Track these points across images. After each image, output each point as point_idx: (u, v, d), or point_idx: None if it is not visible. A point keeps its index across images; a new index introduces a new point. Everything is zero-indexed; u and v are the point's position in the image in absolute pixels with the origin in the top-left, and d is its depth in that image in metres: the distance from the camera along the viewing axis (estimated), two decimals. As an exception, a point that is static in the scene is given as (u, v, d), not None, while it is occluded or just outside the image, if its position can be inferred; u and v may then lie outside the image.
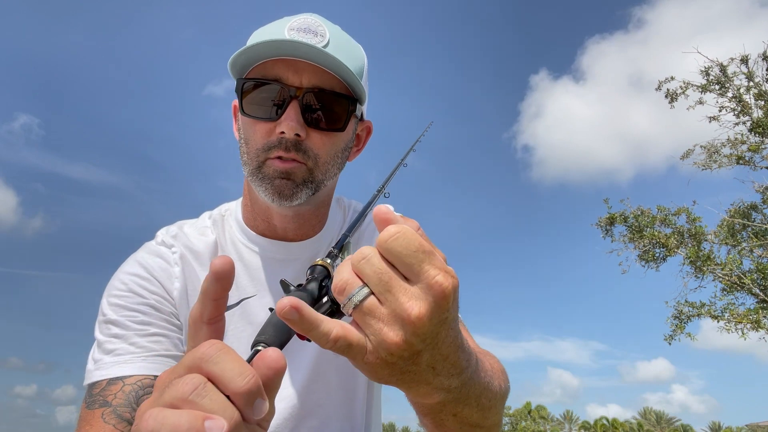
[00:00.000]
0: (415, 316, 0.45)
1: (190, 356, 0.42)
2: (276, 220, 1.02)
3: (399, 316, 0.45)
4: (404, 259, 0.45)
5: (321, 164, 0.94)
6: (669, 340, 12.52)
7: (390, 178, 0.97)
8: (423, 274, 0.45)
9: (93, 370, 0.90)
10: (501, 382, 0.71)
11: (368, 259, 0.46)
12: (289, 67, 0.90)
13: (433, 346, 0.48)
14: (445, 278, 0.46)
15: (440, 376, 0.52)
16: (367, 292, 0.46)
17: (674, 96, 13.21)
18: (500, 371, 0.75)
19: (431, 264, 0.45)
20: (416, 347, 0.47)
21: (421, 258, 0.45)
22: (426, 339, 0.47)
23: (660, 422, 63.67)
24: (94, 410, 0.84)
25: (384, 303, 0.46)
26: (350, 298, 0.46)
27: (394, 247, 0.45)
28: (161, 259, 1.01)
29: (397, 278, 0.46)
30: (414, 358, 0.48)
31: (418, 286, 0.46)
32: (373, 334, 0.46)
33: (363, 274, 0.46)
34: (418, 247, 0.45)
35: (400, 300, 0.45)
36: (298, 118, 0.89)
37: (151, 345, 0.92)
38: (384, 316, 0.46)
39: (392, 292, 0.45)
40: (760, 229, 12.38)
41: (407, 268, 0.46)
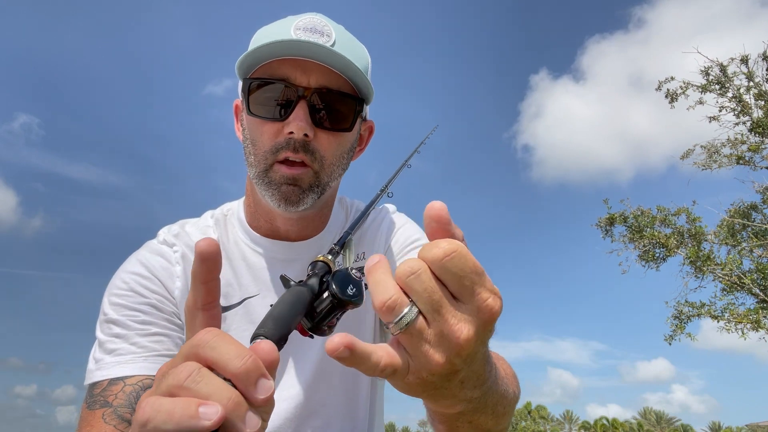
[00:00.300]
0: (464, 339, 0.44)
1: (187, 345, 0.42)
2: (279, 221, 1.02)
3: (446, 338, 0.44)
4: (461, 280, 0.43)
5: (327, 166, 0.94)
6: (669, 340, 12.52)
7: (393, 179, 0.96)
8: (476, 296, 0.44)
9: (94, 370, 0.89)
10: (515, 388, 0.71)
11: (418, 275, 0.43)
12: (296, 67, 0.89)
13: (470, 365, 0.48)
14: (495, 301, 0.44)
15: (466, 389, 0.51)
16: (417, 312, 0.44)
17: (674, 96, 13.20)
18: (513, 376, 0.75)
19: (483, 286, 0.44)
20: (457, 368, 0.46)
21: (475, 280, 0.44)
22: (467, 359, 0.46)
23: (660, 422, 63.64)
24: (94, 411, 0.84)
25: (431, 324, 0.44)
26: (400, 318, 0.44)
27: (450, 267, 0.43)
28: (163, 258, 1.01)
29: (448, 298, 0.44)
30: (452, 377, 0.47)
31: (467, 308, 0.44)
32: (418, 356, 0.45)
33: (412, 290, 0.44)
34: (473, 269, 0.43)
35: (450, 322, 0.43)
36: (306, 118, 0.89)
37: (153, 345, 0.92)
38: (431, 337, 0.44)
39: (441, 313, 0.43)
40: (760, 229, 12.37)
41: (460, 289, 0.44)
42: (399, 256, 1.10)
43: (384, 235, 1.13)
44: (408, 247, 1.11)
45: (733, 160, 12.76)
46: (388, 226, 1.15)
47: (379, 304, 0.44)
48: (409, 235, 1.13)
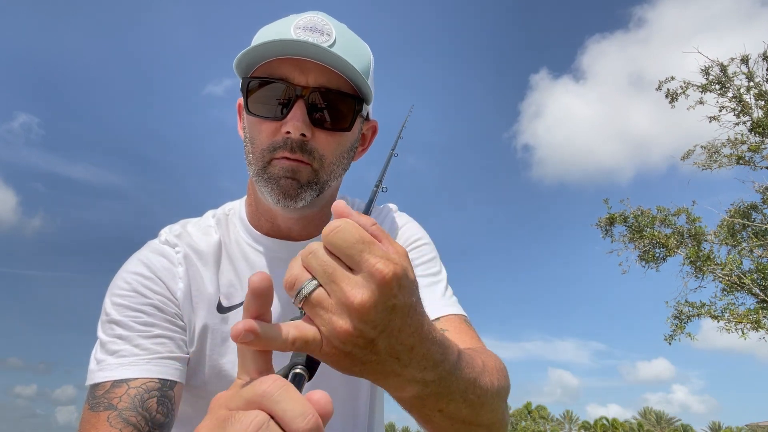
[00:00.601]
0: (359, 302, 0.46)
1: (251, 390, 0.43)
2: (280, 220, 1.02)
3: (344, 305, 0.47)
4: (345, 250, 0.47)
5: (326, 165, 0.94)
6: (669, 340, 12.51)
7: (384, 171, 0.96)
8: (363, 263, 0.47)
9: (96, 371, 0.89)
10: (495, 379, 0.70)
11: (314, 252, 0.48)
12: (295, 67, 0.89)
13: (389, 335, 0.49)
14: (386, 265, 0.47)
15: (409, 368, 0.53)
16: (315, 284, 0.48)
17: (674, 96, 13.20)
18: (496, 369, 0.74)
19: (371, 253, 0.47)
20: (368, 334, 0.48)
21: (361, 248, 0.47)
22: (377, 326, 0.48)
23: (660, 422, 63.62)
24: (99, 413, 0.83)
25: (330, 294, 0.47)
26: (299, 291, 0.48)
27: (335, 240, 0.47)
28: (165, 259, 1.00)
29: (341, 269, 0.47)
30: (370, 347, 0.49)
31: (360, 275, 0.47)
32: (323, 324, 0.48)
33: (310, 267, 0.48)
34: (358, 239, 0.47)
35: (344, 289, 0.47)
36: (303, 118, 0.89)
37: (155, 347, 0.91)
38: (332, 306, 0.47)
39: (336, 282, 0.47)
40: (760, 229, 12.37)
41: (349, 259, 0.47)
42: None
43: None
44: (410, 246, 1.11)
45: (733, 160, 12.76)
46: (390, 226, 1.14)
47: (284, 283, 0.49)
48: (411, 234, 1.13)
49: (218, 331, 1.00)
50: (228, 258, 1.05)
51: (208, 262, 1.02)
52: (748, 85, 12.58)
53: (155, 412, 0.85)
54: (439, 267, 1.11)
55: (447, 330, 0.94)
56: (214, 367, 0.99)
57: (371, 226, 0.50)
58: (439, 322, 0.97)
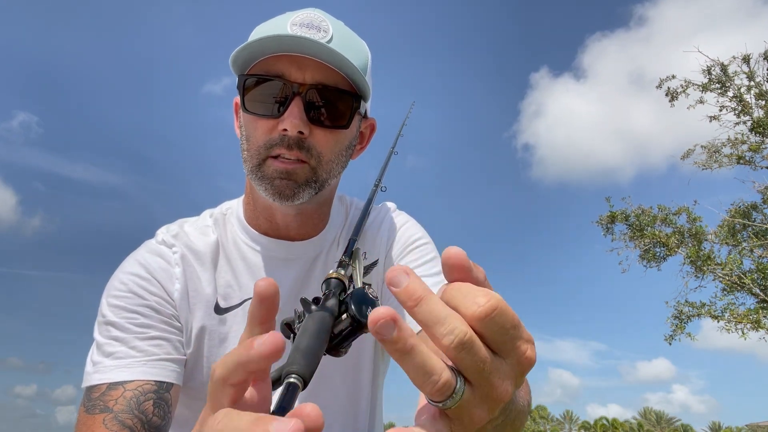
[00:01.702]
0: (507, 396, 0.42)
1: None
2: (278, 218, 1.01)
3: (491, 398, 0.42)
4: (502, 336, 0.41)
5: (324, 162, 0.93)
6: (669, 340, 12.52)
7: (384, 170, 0.95)
8: (516, 350, 0.42)
9: (92, 373, 0.88)
10: (528, 398, 0.71)
11: (470, 348, 0.39)
12: (292, 63, 0.88)
13: (506, 410, 0.47)
14: (532, 351, 0.43)
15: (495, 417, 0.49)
16: (464, 383, 0.41)
17: (675, 95, 13.19)
18: (526, 384, 0.74)
19: (522, 338, 0.42)
20: (496, 418, 0.45)
21: (515, 334, 0.41)
22: (505, 409, 0.45)
23: (660, 422, 63.65)
24: (94, 415, 0.82)
25: (476, 388, 0.41)
26: (452, 397, 0.40)
27: (493, 326, 0.40)
28: (162, 259, 0.99)
29: (495, 362, 0.41)
30: (487, 424, 0.45)
31: (508, 362, 0.42)
32: (461, 418, 0.42)
33: (463, 364, 0.40)
34: (512, 322, 0.41)
35: (495, 384, 0.41)
36: (301, 115, 0.88)
37: (152, 349, 0.90)
38: (476, 400, 0.42)
39: (489, 378, 0.41)
40: (760, 228, 12.36)
41: (502, 346, 0.41)
42: (401, 256, 1.09)
43: (385, 234, 1.12)
44: (411, 247, 1.10)
45: (733, 159, 12.75)
46: (390, 226, 1.14)
47: (430, 388, 0.39)
48: (411, 234, 1.12)
49: (216, 332, 0.99)
50: (225, 258, 1.04)
51: (206, 263, 1.02)
52: (748, 84, 12.57)
53: (151, 415, 0.84)
54: (440, 267, 1.10)
55: None
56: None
57: (485, 282, 0.44)
58: None
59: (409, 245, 1.10)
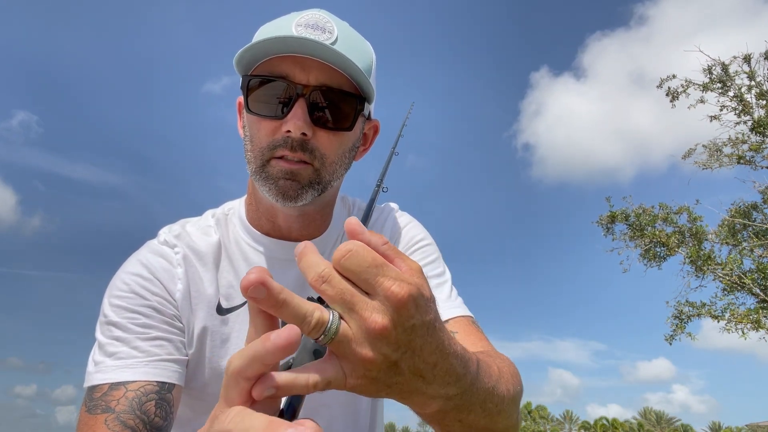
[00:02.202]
0: (380, 328, 0.45)
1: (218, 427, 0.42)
2: (281, 219, 1.01)
3: (366, 332, 0.46)
4: (360, 275, 0.46)
5: (328, 164, 0.93)
6: (669, 340, 12.52)
7: (385, 171, 0.95)
8: (378, 286, 0.46)
9: (94, 373, 0.88)
10: (510, 386, 0.70)
11: (329, 280, 0.46)
12: (296, 64, 0.88)
13: (411, 355, 0.48)
14: (401, 286, 0.46)
15: (433, 385, 0.52)
16: (338, 319, 0.46)
17: (675, 94, 13.17)
18: (510, 374, 0.74)
19: (385, 276, 0.46)
20: (391, 357, 0.47)
21: (375, 272, 0.46)
22: (399, 348, 0.47)
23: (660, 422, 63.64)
24: (96, 415, 0.82)
25: (351, 323, 0.46)
26: (326, 330, 0.45)
27: (348, 265, 0.46)
28: (164, 260, 0.99)
29: (359, 295, 0.46)
30: (394, 369, 0.48)
31: (377, 299, 0.46)
32: (347, 356, 0.46)
33: (326, 295, 0.46)
34: (371, 262, 0.46)
35: (364, 316, 0.45)
36: (304, 117, 0.87)
37: (154, 349, 0.90)
38: (354, 336, 0.46)
39: (356, 311, 0.45)
40: (760, 228, 12.36)
41: (364, 284, 0.46)
42: None
43: (388, 235, 1.12)
44: (413, 248, 1.10)
45: (733, 159, 12.74)
46: (392, 226, 1.13)
47: (302, 324, 0.44)
48: (414, 235, 1.12)
49: (218, 332, 0.99)
50: (228, 258, 1.04)
51: (208, 263, 1.01)
52: (749, 84, 12.55)
53: (153, 415, 0.84)
54: (443, 268, 1.11)
55: (456, 332, 0.94)
56: (214, 368, 0.98)
57: (383, 246, 0.49)
58: (447, 324, 0.96)
59: (412, 246, 1.10)
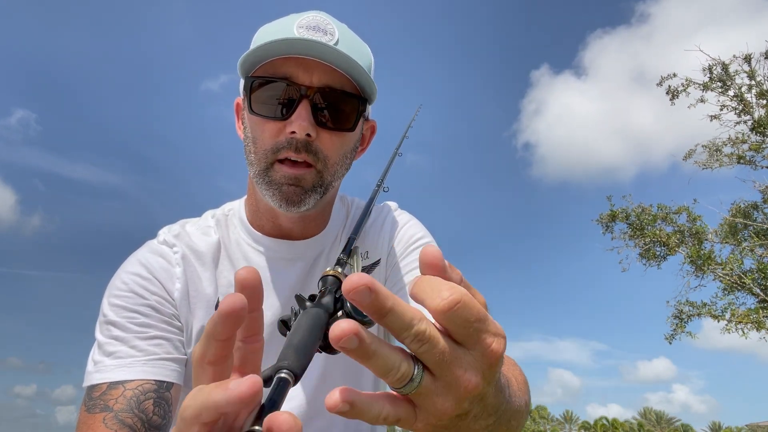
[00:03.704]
0: (473, 386, 0.43)
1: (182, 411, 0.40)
2: (282, 220, 1.02)
3: (454, 388, 0.43)
4: (466, 329, 0.42)
5: (330, 166, 0.93)
6: (669, 339, 12.51)
7: (387, 171, 0.95)
8: (481, 342, 0.43)
9: (93, 372, 0.88)
10: (526, 398, 0.70)
11: (430, 341, 0.41)
12: (299, 66, 0.89)
13: (481, 403, 0.47)
14: (499, 343, 0.44)
15: (480, 420, 0.50)
16: (422, 371, 0.42)
17: (675, 93, 13.16)
18: (524, 383, 0.74)
19: (488, 331, 0.43)
20: (466, 409, 0.46)
21: (480, 327, 0.42)
22: (475, 400, 0.46)
23: (660, 422, 63.65)
24: (95, 414, 0.83)
25: (438, 377, 0.43)
26: (407, 384, 0.42)
27: (455, 319, 0.41)
28: (163, 259, 1.00)
29: (456, 351, 0.42)
30: (463, 417, 0.47)
31: (472, 354, 0.43)
32: (425, 406, 0.44)
33: (422, 357, 0.42)
34: (477, 316, 0.42)
35: (457, 373, 0.42)
36: (309, 118, 0.88)
37: (152, 348, 0.91)
38: (438, 389, 0.43)
39: (451, 369, 0.42)
40: (761, 228, 12.36)
41: (465, 338, 0.42)
42: (402, 256, 1.09)
43: (387, 234, 1.12)
44: (411, 246, 1.10)
45: (734, 159, 12.74)
46: (391, 225, 1.14)
47: (390, 379, 0.42)
48: (413, 234, 1.12)
49: None
50: (228, 258, 1.04)
51: (207, 263, 1.02)
52: (749, 83, 12.55)
53: (152, 414, 0.84)
54: None
55: None
56: None
57: (462, 283, 0.46)
58: None
59: (411, 244, 1.10)
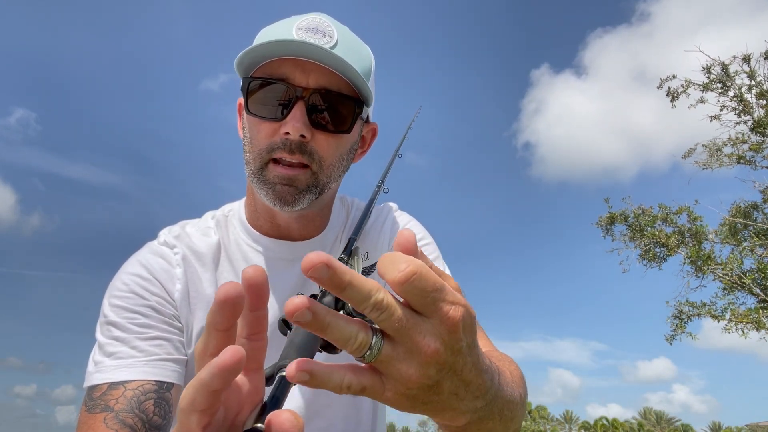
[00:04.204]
0: (432, 351, 0.45)
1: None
2: (280, 220, 1.02)
3: (415, 353, 0.45)
4: (423, 298, 0.45)
5: (326, 167, 0.94)
6: (669, 339, 12.52)
7: (387, 172, 0.95)
8: (438, 310, 0.45)
9: (93, 372, 0.89)
10: (521, 390, 0.71)
11: (387, 309, 0.44)
12: (296, 67, 0.89)
13: (453, 375, 0.48)
14: (456, 310, 0.46)
15: (465, 401, 0.52)
16: (381, 339, 0.45)
17: (675, 94, 13.17)
18: (519, 378, 0.75)
19: (444, 300, 0.46)
20: (434, 378, 0.47)
21: (436, 297, 0.45)
22: (443, 369, 0.47)
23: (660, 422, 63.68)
24: (95, 414, 0.83)
25: (398, 343, 0.45)
26: (366, 354, 0.44)
27: (413, 289, 0.44)
28: (163, 260, 1.00)
29: (413, 318, 0.45)
30: (434, 388, 0.48)
31: (431, 321, 0.46)
32: (389, 373, 0.46)
33: (382, 324, 0.44)
34: (433, 286, 0.45)
35: (415, 339, 0.45)
36: (303, 119, 0.88)
37: (153, 349, 0.91)
38: (399, 355, 0.45)
39: (409, 335, 0.45)
40: (761, 228, 12.36)
41: (424, 307, 0.45)
42: None
43: (387, 234, 1.13)
44: None
45: (734, 159, 12.75)
46: (392, 226, 1.14)
47: (350, 349, 0.44)
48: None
49: None
50: (227, 259, 1.05)
51: (207, 263, 1.02)
52: (749, 84, 12.55)
53: (152, 414, 0.85)
54: (443, 266, 1.11)
55: None
56: None
57: (433, 265, 0.49)
58: None
59: None
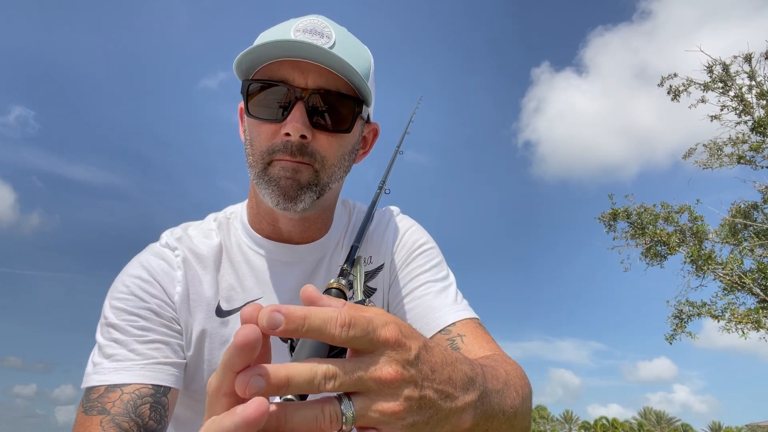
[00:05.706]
0: (394, 376, 0.47)
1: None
2: (281, 223, 1.02)
3: (384, 389, 0.47)
4: (363, 340, 0.46)
5: (328, 166, 0.94)
6: (670, 339, 12.52)
7: (389, 170, 0.95)
8: (376, 340, 0.47)
9: (92, 374, 0.89)
10: (519, 388, 0.71)
11: (336, 377, 0.45)
12: (294, 68, 0.89)
13: (428, 381, 0.50)
14: (388, 328, 0.47)
15: (458, 397, 0.53)
16: (350, 404, 0.46)
17: (676, 93, 13.16)
18: (518, 377, 0.76)
19: (375, 328, 0.47)
20: (415, 395, 0.48)
21: (370, 329, 0.46)
22: (415, 382, 0.48)
23: (660, 422, 63.67)
24: (92, 416, 0.83)
25: (364, 391, 0.46)
26: (344, 422, 0.45)
27: (353, 337, 0.46)
28: (164, 262, 1.00)
29: (364, 363, 0.46)
30: (422, 403, 0.49)
31: (377, 352, 0.47)
32: (377, 420, 0.47)
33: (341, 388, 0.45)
34: (366, 324, 0.46)
35: (376, 376, 0.46)
36: (303, 120, 0.88)
37: (151, 352, 0.91)
38: (373, 399, 0.46)
39: (367, 378, 0.46)
40: (761, 228, 12.36)
41: (368, 345, 0.47)
42: (406, 262, 1.10)
43: (390, 239, 1.13)
44: (416, 252, 1.11)
45: (734, 159, 12.74)
46: (394, 230, 1.14)
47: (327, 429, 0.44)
48: (416, 239, 1.13)
49: (217, 334, 1.00)
50: (229, 261, 1.05)
51: (208, 266, 1.02)
52: (749, 84, 12.55)
53: (148, 419, 0.85)
54: (447, 271, 1.12)
55: (465, 335, 0.95)
56: (213, 370, 0.98)
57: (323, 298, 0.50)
58: (455, 327, 0.98)
59: (414, 250, 1.11)
